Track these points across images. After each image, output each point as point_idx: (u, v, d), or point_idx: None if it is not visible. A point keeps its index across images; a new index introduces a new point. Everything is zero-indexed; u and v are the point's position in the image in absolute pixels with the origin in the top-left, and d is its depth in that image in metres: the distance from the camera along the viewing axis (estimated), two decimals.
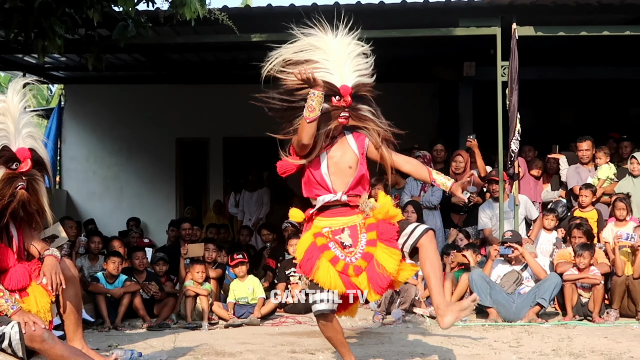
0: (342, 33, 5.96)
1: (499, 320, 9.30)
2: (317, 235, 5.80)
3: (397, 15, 10.54)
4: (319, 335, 8.55)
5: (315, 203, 5.89)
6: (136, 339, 8.34)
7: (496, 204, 10.62)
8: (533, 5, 10.37)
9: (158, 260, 10.67)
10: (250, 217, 14.18)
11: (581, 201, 10.64)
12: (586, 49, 12.84)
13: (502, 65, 10.40)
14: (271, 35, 10.69)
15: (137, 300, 9.66)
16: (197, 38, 11.20)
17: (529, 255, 9.64)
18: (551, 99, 14.88)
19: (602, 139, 11.84)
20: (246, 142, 15.66)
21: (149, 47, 12.34)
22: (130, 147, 15.90)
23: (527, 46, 10.57)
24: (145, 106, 15.76)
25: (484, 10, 10.56)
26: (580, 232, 9.86)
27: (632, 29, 10.66)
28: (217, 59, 13.97)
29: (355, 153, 5.90)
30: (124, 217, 14.75)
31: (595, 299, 9.38)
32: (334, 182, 5.85)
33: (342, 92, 5.77)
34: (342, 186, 5.84)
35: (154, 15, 9.38)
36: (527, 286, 9.61)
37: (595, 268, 9.51)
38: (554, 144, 12.52)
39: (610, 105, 14.93)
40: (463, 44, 12.17)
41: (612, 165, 11.11)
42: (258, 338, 8.42)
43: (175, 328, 9.27)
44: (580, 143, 11.28)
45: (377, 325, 9.21)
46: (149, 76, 15.38)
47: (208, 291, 9.76)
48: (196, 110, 15.71)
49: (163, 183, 15.95)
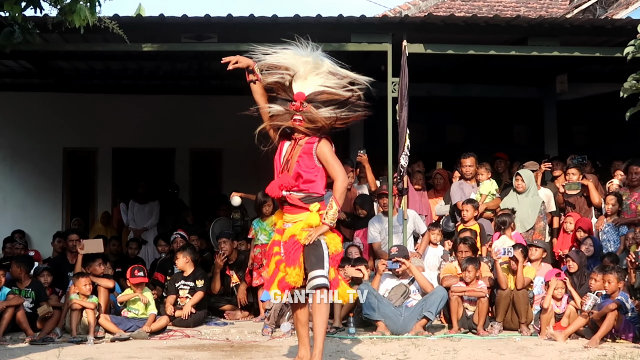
0: (317, 50, 6.98)
1: (387, 333, 9.40)
2: (277, 231, 6.95)
3: (289, 29, 10.54)
4: (207, 349, 8.51)
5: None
6: (18, 354, 8.13)
7: (386, 218, 10.75)
8: (423, 23, 10.58)
9: (42, 271, 10.40)
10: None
11: (463, 216, 10.88)
12: (473, 68, 13.15)
13: (392, 82, 10.55)
14: (162, 45, 10.65)
15: (19, 314, 9.39)
16: (86, 46, 10.98)
17: (416, 270, 9.78)
18: (439, 116, 15.15)
19: (487, 157, 12.12)
20: (136, 153, 15.47)
21: (37, 54, 12.06)
22: (15, 156, 15.46)
23: (417, 63, 10.75)
24: (31, 115, 15.35)
25: (375, 27, 10.70)
26: (466, 246, 10.09)
27: (517, 49, 10.99)
28: (106, 68, 13.75)
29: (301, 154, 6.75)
30: (7, 227, 14.33)
31: (480, 312, 9.60)
32: None
33: (295, 98, 6.73)
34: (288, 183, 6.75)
35: (42, 21, 9.14)
36: (414, 299, 9.74)
37: (482, 282, 9.74)
38: (438, 161, 12.77)
39: (496, 122, 15.31)
40: (354, 59, 12.29)
41: (493, 181, 11.38)
42: (145, 352, 8.31)
43: (59, 342, 9.05)
44: (464, 159, 11.55)
45: (267, 339, 9.20)
46: (36, 84, 15.01)
47: (95, 304, 9.55)
48: (85, 119, 15.39)
49: (49, 193, 15.55)
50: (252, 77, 6.92)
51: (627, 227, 10.49)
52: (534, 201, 11.05)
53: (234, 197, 11.48)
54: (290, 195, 6.73)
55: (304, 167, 6.73)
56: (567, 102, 14.63)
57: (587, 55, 11.16)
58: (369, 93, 6.98)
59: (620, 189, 11.03)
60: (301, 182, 6.71)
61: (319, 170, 6.76)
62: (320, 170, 6.77)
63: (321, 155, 6.74)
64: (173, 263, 10.95)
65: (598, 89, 14.27)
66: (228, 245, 11.11)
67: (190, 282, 10.47)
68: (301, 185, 6.71)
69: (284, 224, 6.84)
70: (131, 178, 14.80)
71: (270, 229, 10.81)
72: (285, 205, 6.82)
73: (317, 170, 6.75)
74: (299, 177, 6.72)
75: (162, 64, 13.43)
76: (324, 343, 6.72)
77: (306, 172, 6.72)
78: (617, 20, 11.71)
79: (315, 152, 6.74)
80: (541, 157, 12.45)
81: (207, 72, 14.02)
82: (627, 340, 8.94)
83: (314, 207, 6.68)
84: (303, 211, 6.70)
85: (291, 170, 6.75)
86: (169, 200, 14.44)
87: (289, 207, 6.78)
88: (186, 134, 15.34)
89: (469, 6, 18.28)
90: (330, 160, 6.75)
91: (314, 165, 6.75)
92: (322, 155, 6.74)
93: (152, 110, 15.22)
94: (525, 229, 10.91)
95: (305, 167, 6.73)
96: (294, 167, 6.74)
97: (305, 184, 6.72)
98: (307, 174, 6.72)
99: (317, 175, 6.75)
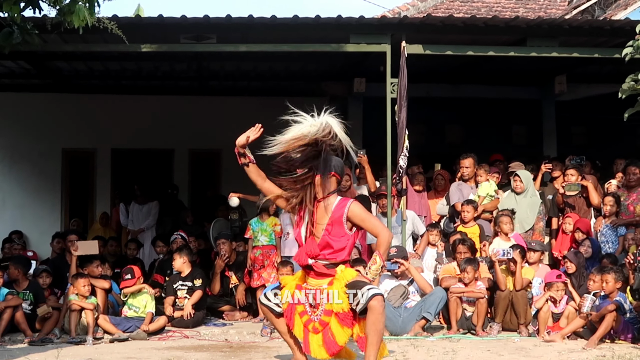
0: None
1: (386, 334, 9.37)
2: (299, 288, 6.41)
3: (289, 30, 10.59)
4: (206, 350, 8.50)
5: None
6: (17, 354, 8.13)
7: (384, 218, 10.74)
8: (422, 24, 10.58)
9: (41, 272, 10.40)
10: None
11: (463, 217, 10.88)
12: (472, 68, 13.15)
13: (391, 82, 10.55)
14: (161, 45, 10.64)
15: (18, 314, 9.39)
16: (85, 47, 10.97)
17: (415, 271, 9.79)
18: (438, 116, 15.16)
19: (486, 158, 12.13)
20: (135, 154, 15.47)
21: (35, 55, 12.05)
22: (14, 156, 15.47)
23: (416, 64, 10.76)
24: (30, 115, 15.36)
25: (374, 28, 10.70)
26: (464, 247, 10.08)
27: (516, 49, 10.99)
28: (105, 69, 13.75)
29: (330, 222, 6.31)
30: (6, 228, 14.33)
31: (479, 313, 9.60)
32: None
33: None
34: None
35: (41, 22, 9.14)
36: (413, 300, 9.75)
37: (481, 283, 9.74)
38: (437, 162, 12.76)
39: (494, 123, 15.32)
40: (353, 60, 12.32)
41: (492, 182, 11.39)
42: (144, 352, 8.30)
43: (58, 343, 9.05)
44: (463, 160, 11.56)
45: (266, 339, 9.20)
46: (35, 84, 15.01)
47: (94, 305, 9.55)
48: (83, 120, 15.40)
49: (48, 194, 15.56)
50: (244, 160, 6.47)
51: (625, 228, 10.50)
52: (533, 202, 11.05)
53: (233, 198, 11.47)
54: (316, 263, 6.33)
55: (334, 235, 6.30)
56: (565, 102, 14.63)
57: (585, 56, 11.15)
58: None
59: (618, 189, 11.04)
60: (329, 251, 6.30)
61: (350, 238, 6.36)
62: (351, 237, 6.38)
63: (355, 218, 6.31)
64: (172, 264, 10.94)
65: (597, 89, 14.27)
66: (227, 246, 11.11)
67: (189, 282, 10.47)
68: (327, 255, 6.30)
69: (307, 284, 6.40)
70: (130, 179, 14.79)
71: (271, 230, 10.83)
72: (311, 272, 6.40)
73: (347, 238, 6.34)
74: (327, 246, 6.30)
75: (161, 64, 13.43)
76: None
77: (336, 241, 6.30)
78: (615, 21, 11.74)
79: (346, 217, 6.30)
80: (540, 158, 12.46)
81: (206, 73, 14.04)
82: (626, 341, 8.94)
83: (340, 269, 6.34)
84: (328, 277, 6.32)
85: (318, 237, 6.31)
86: (168, 200, 14.43)
87: (313, 274, 6.37)
88: (185, 135, 15.36)
89: (467, 7, 18.28)
90: (367, 219, 6.39)
91: (344, 233, 6.32)
92: (357, 218, 6.31)
93: (151, 110, 15.23)
94: (524, 230, 10.91)
95: (335, 235, 6.30)
96: (322, 235, 6.30)
97: (333, 254, 6.31)
98: (337, 244, 6.31)
99: (347, 243, 6.35)
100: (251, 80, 14.64)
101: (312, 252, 6.31)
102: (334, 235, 6.29)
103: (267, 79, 14.47)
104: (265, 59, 12.48)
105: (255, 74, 14.02)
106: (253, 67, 13.54)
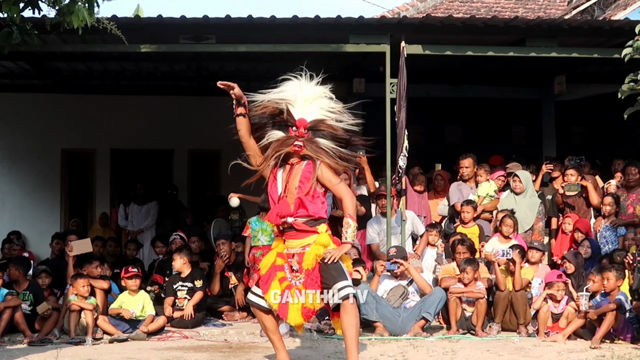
0: (318, 81, 6.97)
1: (385, 334, 9.40)
2: (280, 255, 6.69)
3: (288, 30, 10.59)
4: (206, 350, 8.50)
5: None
6: (16, 355, 8.13)
7: (384, 219, 10.75)
8: (421, 24, 10.58)
9: (40, 273, 10.40)
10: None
11: (463, 217, 10.88)
12: (472, 69, 13.15)
13: (390, 83, 10.55)
14: (161, 46, 10.64)
15: (18, 315, 9.39)
16: (84, 47, 10.96)
17: (414, 271, 9.78)
18: (438, 117, 15.16)
19: (485, 158, 12.12)
20: (134, 154, 15.46)
21: (35, 55, 12.04)
22: (13, 157, 15.46)
23: (415, 64, 10.75)
24: (29, 116, 15.34)
25: (373, 28, 10.71)
26: (464, 247, 10.08)
27: (515, 50, 11.00)
28: (105, 69, 13.74)
29: (301, 179, 6.61)
30: (5, 228, 14.33)
31: (478, 313, 9.60)
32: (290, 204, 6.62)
33: (297, 124, 6.68)
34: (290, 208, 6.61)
35: (40, 22, 9.13)
36: (412, 300, 9.75)
37: (480, 283, 9.74)
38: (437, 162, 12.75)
39: (494, 123, 15.32)
40: (353, 60, 12.31)
41: (492, 182, 11.39)
42: (144, 353, 8.30)
43: (57, 343, 9.04)
44: (462, 160, 11.56)
45: (265, 340, 9.18)
46: (34, 85, 15.00)
47: (93, 305, 9.55)
48: (83, 120, 15.39)
49: (47, 194, 15.55)
50: (242, 110, 6.82)
51: (624, 228, 10.50)
52: (532, 202, 11.06)
53: (233, 198, 11.45)
54: (296, 221, 6.57)
55: (307, 194, 6.58)
56: (565, 103, 14.63)
57: (585, 56, 11.15)
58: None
59: (617, 190, 11.04)
60: (303, 208, 6.56)
61: (321, 195, 6.64)
62: (321, 195, 6.65)
63: (323, 178, 6.62)
64: (171, 264, 10.94)
65: (596, 89, 14.28)
66: (227, 247, 11.10)
67: (189, 283, 10.46)
68: (303, 211, 6.56)
69: (288, 249, 6.67)
70: (130, 179, 14.79)
71: (272, 229, 10.80)
72: (288, 232, 6.66)
73: (318, 194, 6.62)
74: (301, 203, 6.57)
75: (161, 64, 13.43)
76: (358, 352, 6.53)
77: (309, 201, 6.56)
78: (615, 21, 11.74)
79: (316, 176, 6.60)
80: (540, 158, 12.47)
81: (205, 73, 14.02)
82: (626, 341, 8.95)
83: (322, 229, 6.59)
84: (309, 234, 6.59)
85: (291, 197, 6.60)
86: (168, 201, 14.43)
87: (294, 233, 6.62)
88: (185, 135, 15.34)
89: (467, 7, 18.28)
90: (334, 181, 6.65)
91: (315, 191, 6.61)
92: (325, 178, 6.62)
93: (150, 111, 15.22)
94: (524, 230, 10.91)
95: (307, 194, 6.58)
96: (295, 194, 6.59)
97: (310, 210, 6.56)
98: (311, 203, 6.56)
99: (319, 200, 6.61)
100: (250, 80, 14.61)
101: (284, 212, 6.58)
102: (307, 195, 6.58)
103: (267, 79, 14.43)
104: (265, 60, 12.47)
105: (254, 74, 14.01)
106: (252, 68, 13.53)
